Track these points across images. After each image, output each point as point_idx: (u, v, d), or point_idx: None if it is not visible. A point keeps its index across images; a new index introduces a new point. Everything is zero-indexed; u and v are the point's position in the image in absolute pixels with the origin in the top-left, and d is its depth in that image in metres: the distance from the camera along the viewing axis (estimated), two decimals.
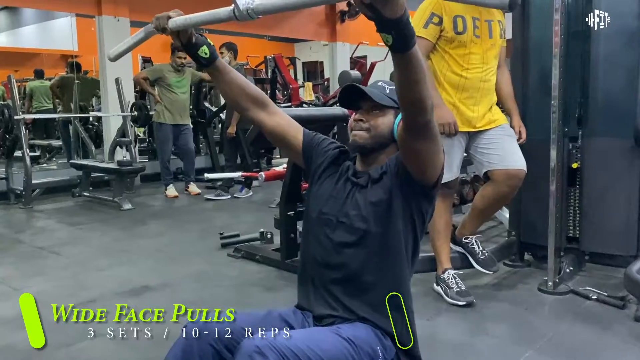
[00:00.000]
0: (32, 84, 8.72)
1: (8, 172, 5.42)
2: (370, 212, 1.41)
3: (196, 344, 1.24)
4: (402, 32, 1.00)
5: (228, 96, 1.53)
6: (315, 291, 1.46)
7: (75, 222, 4.66)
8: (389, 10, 0.95)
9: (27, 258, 3.60)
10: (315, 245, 1.48)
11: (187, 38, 1.37)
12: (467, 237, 2.84)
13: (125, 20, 6.44)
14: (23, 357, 2.09)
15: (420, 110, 1.18)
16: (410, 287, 1.47)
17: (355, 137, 1.48)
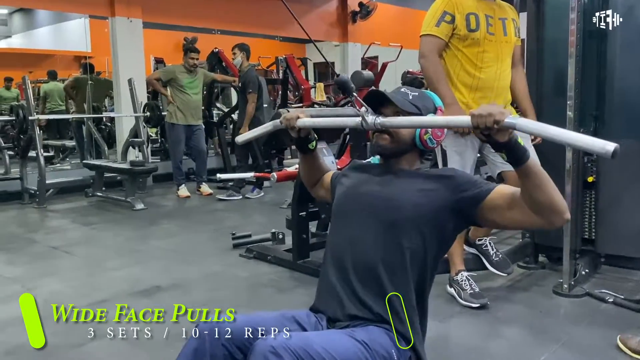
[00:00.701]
0: (46, 86, 8.81)
1: (22, 172, 5.47)
2: (399, 207, 1.40)
3: (208, 345, 1.23)
4: (512, 152, 1.21)
5: (307, 176, 1.74)
6: (332, 290, 1.44)
7: (88, 222, 4.69)
8: (499, 137, 1.18)
9: (41, 258, 3.62)
10: (338, 240, 1.49)
11: (306, 133, 1.57)
12: (481, 238, 2.81)
13: (137, 22, 6.48)
14: (35, 356, 2.09)
15: (554, 212, 1.25)
16: (426, 296, 1.46)
17: (378, 139, 1.49)
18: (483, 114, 1.16)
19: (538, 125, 1.17)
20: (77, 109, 7.31)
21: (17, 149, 5.47)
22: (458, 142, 2.62)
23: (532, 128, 1.17)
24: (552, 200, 1.24)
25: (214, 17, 7.38)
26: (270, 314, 1.39)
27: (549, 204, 1.25)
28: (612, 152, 1.06)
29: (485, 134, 1.19)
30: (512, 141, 1.19)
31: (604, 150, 1.07)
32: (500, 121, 1.15)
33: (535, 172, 1.23)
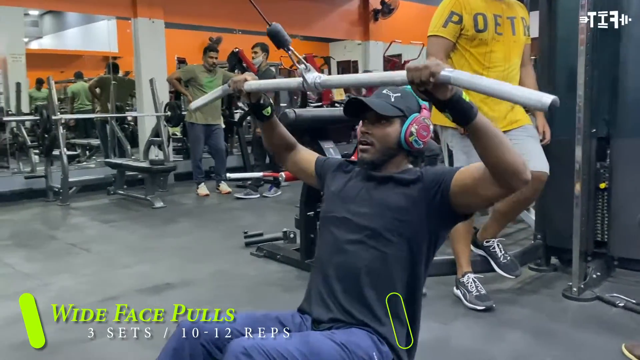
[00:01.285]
0: (74, 86, 9.03)
1: (47, 170, 5.62)
2: (383, 213, 1.38)
3: (187, 343, 1.24)
4: (456, 109, 1.13)
5: (272, 144, 1.69)
6: (318, 293, 1.44)
7: (107, 219, 4.79)
8: (440, 94, 1.11)
9: (58, 254, 3.72)
10: (322, 246, 1.48)
11: (257, 98, 1.54)
12: (489, 240, 2.77)
13: (159, 22, 6.58)
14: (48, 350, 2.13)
15: (512, 173, 1.18)
16: (416, 300, 1.42)
17: (362, 153, 1.47)
18: (419, 67, 1.10)
19: (473, 77, 1.08)
20: (101, 108, 7.47)
21: (41, 148, 5.62)
22: (465, 142, 2.58)
23: (466, 80, 1.07)
24: (505, 160, 1.17)
25: (235, 16, 7.43)
26: (253, 315, 1.40)
27: (504, 165, 1.18)
28: (548, 104, 0.99)
29: (422, 90, 1.11)
30: (454, 97, 1.12)
31: (540, 103, 0.99)
32: (436, 73, 1.07)
33: (484, 132, 1.17)
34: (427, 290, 2.75)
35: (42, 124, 5.38)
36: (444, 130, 2.68)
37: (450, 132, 2.63)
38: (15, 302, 2.76)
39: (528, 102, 1.01)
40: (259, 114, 1.58)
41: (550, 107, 0.99)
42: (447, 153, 2.68)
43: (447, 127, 2.64)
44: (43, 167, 5.70)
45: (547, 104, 0.98)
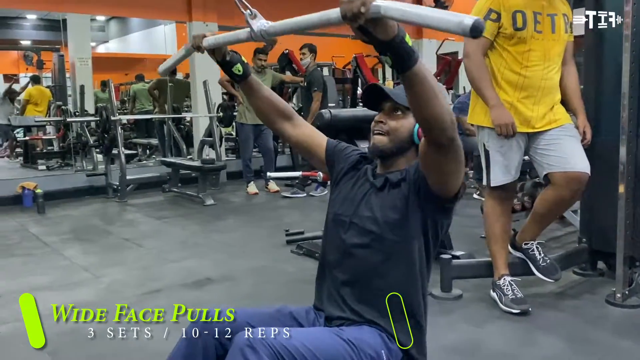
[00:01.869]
0: (135, 87, 9.44)
1: (107, 169, 5.93)
2: (384, 216, 1.40)
3: (200, 341, 1.30)
4: (397, 52, 1.03)
5: (258, 109, 1.60)
6: (328, 292, 1.48)
7: (160, 215, 5.01)
8: (380, 33, 1.00)
9: (112, 248, 3.93)
10: (330, 247, 1.51)
11: (221, 55, 1.46)
12: (527, 242, 2.70)
13: (213, 25, 6.78)
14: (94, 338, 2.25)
15: (439, 129, 1.15)
16: (423, 297, 1.43)
17: (375, 141, 1.48)
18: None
19: (403, 5, 0.97)
20: (159, 109, 7.78)
21: (101, 147, 5.92)
22: (501, 142, 2.54)
23: (396, 9, 0.96)
24: (436, 112, 1.12)
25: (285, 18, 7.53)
26: (267, 310, 1.44)
27: (434, 117, 1.13)
28: (470, 26, 0.90)
29: (359, 27, 1.00)
30: (397, 38, 1.01)
31: (462, 26, 0.90)
32: (367, 2, 0.95)
33: (422, 80, 1.08)
34: (463, 292, 2.74)
35: (101, 124, 5.68)
36: (480, 130, 2.64)
37: (487, 132, 2.59)
38: (69, 292, 2.99)
39: (447, 25, 0.92)
40: (230, 73, 1.50)
41: (472, 30, 0.89)
42: (483, 154, 2.64)
43: (484, 127, 2.60)
44: (104, 165, 6.02)
45: (469, 26, 0.89)
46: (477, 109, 2.63)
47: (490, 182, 2.62)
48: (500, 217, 2.64)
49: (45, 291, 2.98)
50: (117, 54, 13.36)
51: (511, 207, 2.78)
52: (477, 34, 0.90)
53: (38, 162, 7.77)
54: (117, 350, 2.06)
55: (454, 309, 2.61)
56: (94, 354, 2.12)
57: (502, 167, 2.57)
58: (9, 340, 2.37)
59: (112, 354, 2.09)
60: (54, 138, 8.39)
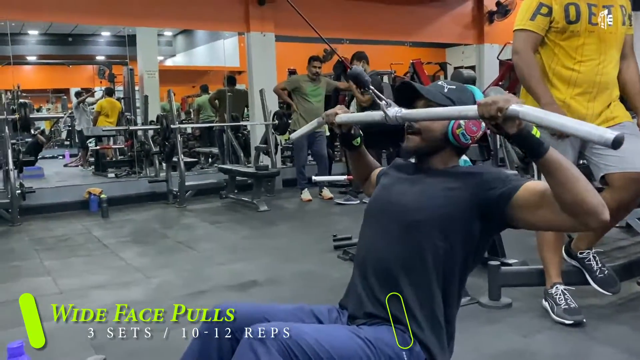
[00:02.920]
0: (199, 98, 9.76)
1: (167, 175, 6.14)
2: (421, 207, 1.36)
3: (215, 329, 1.29)
4: (524, 144, 1.15)
5: (357, 171, 1.76)
6: (355, 289, 1.44)
7: (215, 220, 5.12)
8: (509, 127, 1.13)
9: (166, 251, 4.04)
10: (361, 242, 1.49)
11: (347, 129, 1.60)
12: (583, 251, 2.54)
13: (270, 35, 6.91)
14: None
15: (587, 213, 1.14)
16: (450, 299, 1.36)
17: (408, 141, 1.46)
18: (488, 102, 1.12)
19: (542, 112, 1.08)
20: (219, 118, 7.99)
21: (162, 155, 6.14)
22: (553, 142, 2.38)
23: (534, 115, 1.08)
24: (579, 198, 1.13)
25: (343, 26, 7.57)
26: (286, 306, 1.42)
27: (577, 203, 1.13)
28: (611, 140, 0.98)
29: (493, 124, 1.14)
30: (523, 132, 1.13)
31: (603, 139, 0.99)
32: (503, 109, 1.10)
33: (556, 168, 1.14)
34: (513, 301, 2.60)
35: (162, 132, 5.89)
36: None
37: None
38: (121, 291, 3.09)
39: (590, 137, 1.02)
40: (349, 144, 1.65)
41: (614, 143, 0.98)
42: None
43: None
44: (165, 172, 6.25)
45: (611, 140, 0.98)
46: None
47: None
48: None
49: (100, 289, 3.10)
50: (183, 67, 13.87)
51: None
52: (618, 147, 0.99)
53: (108, 171, 8.18)
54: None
55: (502, 317, 2.49)
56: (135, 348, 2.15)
57: None
58: (59, 334, 2.47)
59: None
60: (123, 147, 8.82)
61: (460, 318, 2.45)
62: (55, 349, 2.22)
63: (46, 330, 2.28)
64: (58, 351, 2.11)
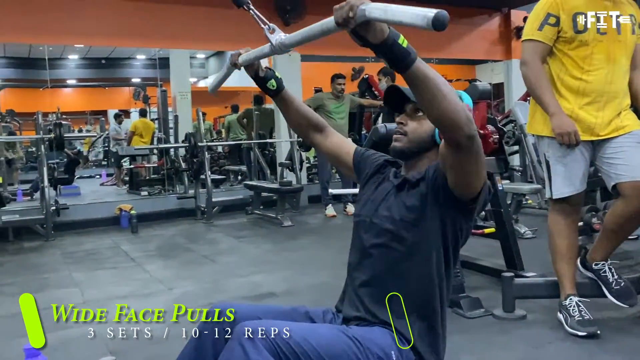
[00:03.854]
0: (229, 117, 9.98)
1: (196, 192, 6.29)
2: (401, 215, 1.40)
3: (211, 325, 1.34)
4: (389, 55, 1.07)
5: (293, 122, 1.69)
6: (348, 293, 1.49)
7: (239, 235, 5.21)
8: (371, 36, 1.05)
9: (189, 263, 4.14)
10: (352, 249, 1.53)
11: (253, 71, 1.56)
12: (598, 263, 2.50)
13: (296, 55, 7.05)
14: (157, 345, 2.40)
15: (454, 128, 1.15)
16: (440, 303, 1.38)
17: (395, 142, 1.49)
18: (342, 5, 1.05)
19: (382, 5, 1.02)
20: (247, 137, 8.15)
21: (190, 172, 6.30)
22: (562, 152, 2.40)
23: (376, 8, 1.02)
24: (443, 110, 1.12)
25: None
26: (283, 308, 1.47)
27: (441, 117, 1.13)
28: (432, 18, 0.94)
29: (352, 32, 1.07)
30: (388, 41, 1.06)
31: (425, 20, 0.95)
32: (354, 6, 1.02)
33: (424, 80, 1.10)
34: (529, 313, 2.58)
35: (189, 150, 6.05)
36: (540, 140, 2.51)
37: (547, 141, 2.46)
38: (142, 301, 3.18)
39: (414, 20, 0.97)
40: (265, 88, 1.58)
41: (434, 21, 0.94)
42: (545, 164, 2.50)
43: (543, 136, 2.48)
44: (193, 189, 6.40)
45: (431, 18, 0.94)
46: (537, 117, 2.51)
47: (552, 195, 2.47)
48: (565, 233, 2.47)
49: (122, 300, 3.21)
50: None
51: (577, 221, 2.59)
52: (440, 26, 0.94)
53: (141, 189, 8.41)
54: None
55: (514, 329, 2.46)
56: (152, 355, 2.24)
57: (564, 178, 2.42)
58: (80, 341, 2.56)
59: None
60: (155, 166, 9.06)
61: (471, 329, 2.47)
62: (74, 352, 2.34)
63: (65, 334, 2.44)
64: (78, 355, 2.20)
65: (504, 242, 3.21)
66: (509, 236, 3.18)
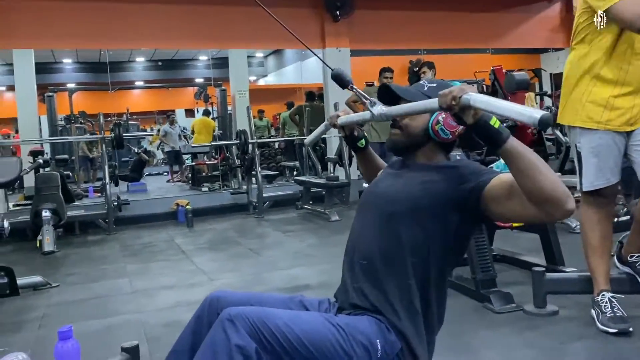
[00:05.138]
0: (284, 114, 10.15)
1: (248, 187, 6.48)
2: (400, 199, 1.42)
3: (207, 312, 1.43)
4: (484, 132, 1.19)
5: (365, 174, 1.83)
6: (344, 280, 1.52)
7: (286, 229, 5.33)
8: (467, 118, 1.19)
9: (235, 256, 4.29)
10: (351, 233, 1.56)
11: (350, 131, 1.72)
12: (633, 255, 2.39)
13: (345, 51, 7.10)
14: None
15: (551, 203, 1.16)
16: (435, 292, 1.39)
17: (390, 136, 1.53)
18: (445, 92, 1.19)
19: (487, 98, 1.15)
20: (299, 133, 8.27)
21: (242, 168, 6.49)
22: (593, 141, 2.31)
23: (481, 101, 1.14)
24: (540, 186, 1.15)
25: (419, 37, 7.59)
26: (277, 296, 1.53)
27: (538, 191, 1.16)
28: (538, 119, 1.05)
29: (453, 114, 1.20)
30: (480, 121, 1.18)
31: (532, 119, 1.07)
32: (457, 97, 1.16)
33: (516, 156, 1.17)
34: (562, 309, 2.51)
35: (240, 147, 6.24)
36: (572, 130, 2.43)
37: (578, 131, 2.37)
38: (184, 292, 3.35)
39: (521, 118, 1.08)
40: (354, 145, 1.74)
41: (540, 123, 1.05)
42: (576, 156, 2.42)
43: (574, 126, 2.39)
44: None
45: (537, 119, 1.05)
46: (568, 107, 2.42)
47: (583, 187, 2.39)
48: (598, 226, 2.38)
49: (167, 290, 3.39)
50: (272, 86, 14.50)
51: (611, 214, 2.48)
52: (545, 127, 1.09)
53: (202, 185, 8.75)
54: None
55: (542, 325, 2.40)
56: None
57: (596, 169, 2.33)
58: (121, 327, 2.75)
59: None
60: (214, 163, 9.38)
61: (498, 324, 2.44)
62: (112, 338, 2.51)
63: (110, 321, 2.61)
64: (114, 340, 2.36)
65: (543, 235, 3.12)
66: (549, 230, 3.08)
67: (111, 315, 2.95)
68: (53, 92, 9.67)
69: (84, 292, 3.46)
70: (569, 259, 3.11)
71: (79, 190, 8.49)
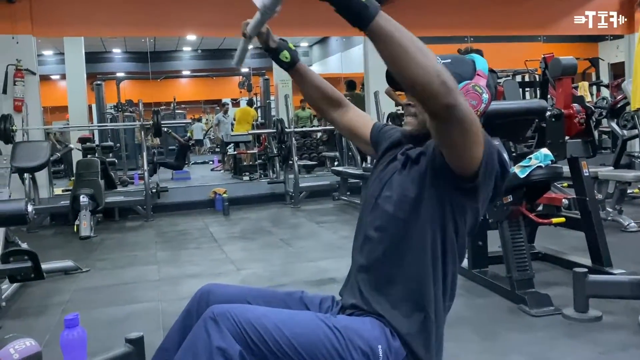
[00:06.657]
0: None
1: (285, 177, 6.40)
2: (399, 195, 1.28)
3: (197, 306, 1.33)
4: (344, 8, 0.95)
5: (308, 97, 1.61)
6: (348, 279, 1.41)
7: (321, 220, 5.22)
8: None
9: (265, 246, 4.22)
10: (357, 231, 1.44)
11: (264, 42, 1.45)
12: None
13: (369, 43, 6.87)
14: None
15: (426, 95, 0.97)
16: (438, 294, 1.25)
17: (405, 124, 1.38)
18: None
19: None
20: None
21: (279, 157, 6.42)
22: None
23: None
24: (413, 76, 0.94)
25: (465, 24, 7.28)
26: (275, 292, 1.41)
27: (413, 83, 0.95)
28: None
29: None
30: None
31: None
32: None
33: (386, 39, 0.94)
34: (605, 314, 2.30)
35: (277, 136, 6.16)
36: None
37: None
38: (209, 280, 3.28)
39: None
40: (278, 61, 1.49)
41: None
42: None
43: None
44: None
45: None
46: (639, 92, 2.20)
47: None
48: None
49: (192, 278, 3.34)
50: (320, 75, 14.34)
51: None
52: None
53: (243, 174, 8.76)
54: None
55: (584, 332, 2.20)
56: None
57: None
58: (140, 315, 2.72)
59: None
60: (254, 152, 9.37)
61: (533, 328, 2.25)
62: (128, 326, 2.47)
63: (131, 308, 2.58)
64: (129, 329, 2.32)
65: (589, 234, 2.88)
66: (595, 227, 2.85)
67: (133, 302, 2.92)
68: (102, 80, 9.89)
69: (111, 278, 3.46)
70: (618, 260, 2.87)
71: (125, 177, 8.67)
